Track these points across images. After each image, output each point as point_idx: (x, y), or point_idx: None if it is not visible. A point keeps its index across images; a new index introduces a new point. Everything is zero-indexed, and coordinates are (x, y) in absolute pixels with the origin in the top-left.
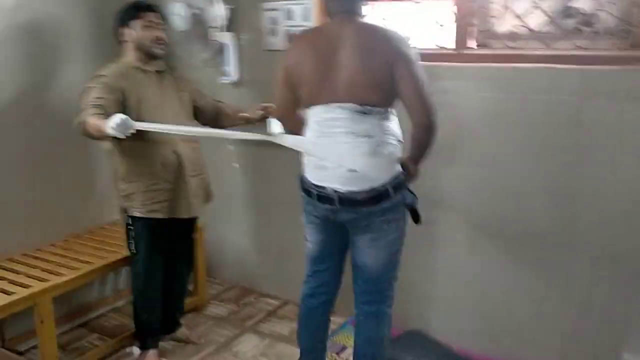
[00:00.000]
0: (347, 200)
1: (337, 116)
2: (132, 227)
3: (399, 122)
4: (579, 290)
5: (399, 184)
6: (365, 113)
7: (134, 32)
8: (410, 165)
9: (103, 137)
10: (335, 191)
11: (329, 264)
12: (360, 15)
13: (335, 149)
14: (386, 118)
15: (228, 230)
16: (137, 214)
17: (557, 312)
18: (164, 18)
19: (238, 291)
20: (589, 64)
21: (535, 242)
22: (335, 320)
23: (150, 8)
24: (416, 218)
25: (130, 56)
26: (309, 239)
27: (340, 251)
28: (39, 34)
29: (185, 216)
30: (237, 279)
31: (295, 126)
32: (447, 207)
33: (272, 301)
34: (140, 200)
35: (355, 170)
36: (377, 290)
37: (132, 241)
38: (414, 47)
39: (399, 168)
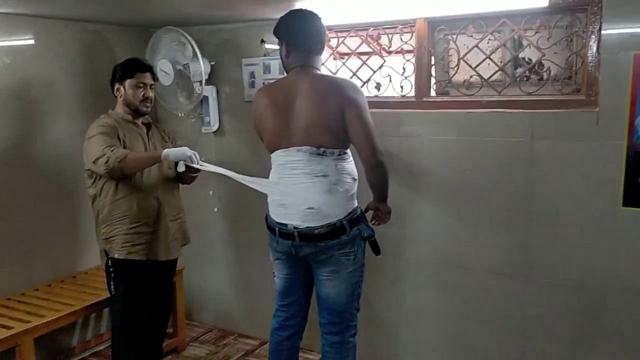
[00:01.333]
0: (305, 236)
1: (296, 159)
2: (112, 269)
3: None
4: (541, 317)
5: (355, 219)
6: (320, 155)
7: (125, 89)
8: (379, 205)
9: (149, 165)
10: (295, 227)
11: (295, 298)
12: (314, 67)
13: (295, 188)
14: (341, 159)
15: (208, 273)
16: (117, 256)
17: (521, 340)
18: (155, 77)
19: (217, 333)
20: (537, 108)
21: (494, 274)
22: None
23: (144, 68)
24: (376, 250)
25: (120, 109)
26: (276, 274)
27: (305, 285)
28: (28, 91)
29: (163, 259)
30: (216, 320)
31: None
32: (411, 243)
33: (250, 341)
34: (120, 243)
35: (312, 208)
36: (340, 321)
37: (112, 282)
38: (364, 94)
39: (354, 204)
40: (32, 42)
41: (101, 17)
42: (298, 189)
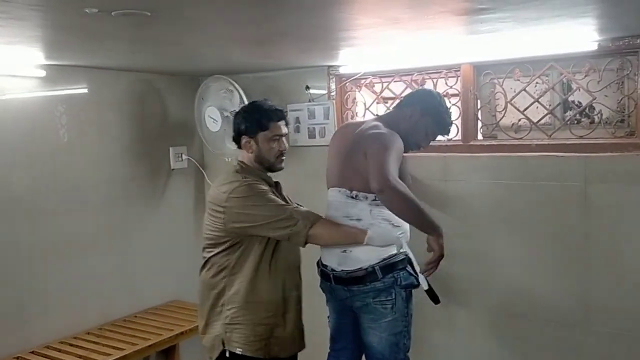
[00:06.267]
0: (339, 279)
1: (336, 199)
2: None
3: None
4: None
5: (390, 266)
6: (353, 198)
7: (259, 144)
8: (430, 240)
9: (340, 243)
10: (332, 270)
11: (345, 344)
12: (382, 120)
13: None
14: (378, 204)
15: None
16: (240, 352)
17: None
18: (287, 124)
19: None
20: (590, 151)
21: (550, 322)
22: None
23: (279, 116)
24: (434, 299)
25: (250, 165)
26: (328, 317)
27: (355, 332)
28: (81, 138)
29: (283, 355)
30: None
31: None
32: (461, 290)
33: None
34: (248, 335)
35: (345, 251)
36: None
37: None
38: (395, 141)
39: (391, 250)
40: (85, 90)
41: (152, 67)
42: None
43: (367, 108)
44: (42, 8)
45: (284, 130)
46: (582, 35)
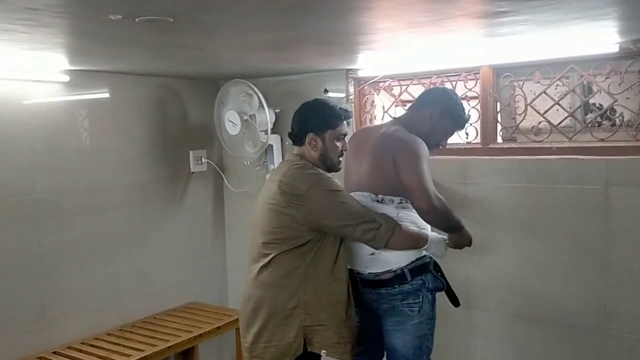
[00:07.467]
0: (367, 282)
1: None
2: None
3: None
4: None
5: (418, 268)
6: (380, 202)
7: (325, 142)
8: (450, 237)
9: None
10: (358, 273)
11: (366, 348)
12: (403, 122)
13: None
14: (404, 207)
15: None
16: (325, 353)
17: None
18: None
19: None
20: (611, 154)
21: (570, 327)
22: None
23: (347, 116)
24: (454, 301)
25: (313, 163)
26: None
27: (376, 336)
28: (102, 141)
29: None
30: None
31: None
32: (481, 294)
33: None
34: (328, 336)
35: (373, 254)
36: None
37: None
38: (422, 148)
39: (419, 253)
40: (107, 95)
41: (172, 71)
42: None
43: (385, 111)
44: (68, 15)
45: (347, 130)
46: (603, 37)
